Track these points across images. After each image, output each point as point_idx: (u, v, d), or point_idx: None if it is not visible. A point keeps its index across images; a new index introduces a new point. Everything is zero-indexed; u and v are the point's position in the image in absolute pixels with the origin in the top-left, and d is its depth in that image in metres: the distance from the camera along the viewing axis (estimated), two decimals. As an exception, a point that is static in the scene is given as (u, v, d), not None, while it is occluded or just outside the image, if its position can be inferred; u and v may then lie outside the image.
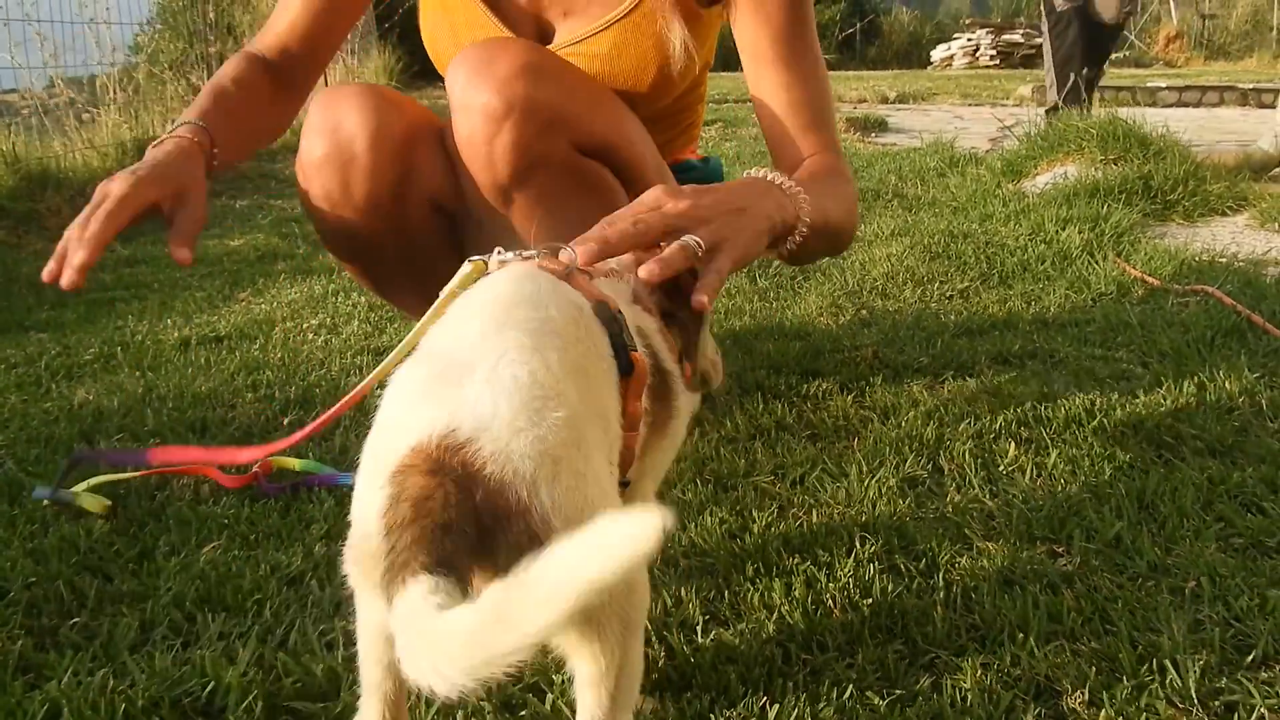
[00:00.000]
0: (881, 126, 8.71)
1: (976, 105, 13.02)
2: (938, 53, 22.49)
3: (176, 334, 2.90)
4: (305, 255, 4.07)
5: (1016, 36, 21.16)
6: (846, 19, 26.31)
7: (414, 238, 1.80)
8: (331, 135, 1.67)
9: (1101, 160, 4.36)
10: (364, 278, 1.99)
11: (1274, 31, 20.90)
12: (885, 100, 13.45)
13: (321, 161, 1.68)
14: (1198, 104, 13.49)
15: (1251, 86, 13.70)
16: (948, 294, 3.15)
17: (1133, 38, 22.56)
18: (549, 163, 1.57)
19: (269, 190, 5.91)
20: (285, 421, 2.16)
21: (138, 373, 2.54)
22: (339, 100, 1.69)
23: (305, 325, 2.96)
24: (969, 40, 21.73)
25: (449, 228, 1.86)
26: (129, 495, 1.79)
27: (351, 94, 1.69)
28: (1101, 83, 15.50)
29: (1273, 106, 13.64)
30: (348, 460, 1.93)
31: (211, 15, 7.57)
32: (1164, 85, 13.79)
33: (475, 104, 1.44)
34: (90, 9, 6.47)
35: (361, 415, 2.15)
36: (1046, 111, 6.19)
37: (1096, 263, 3.35)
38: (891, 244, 3.72)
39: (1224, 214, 4.05)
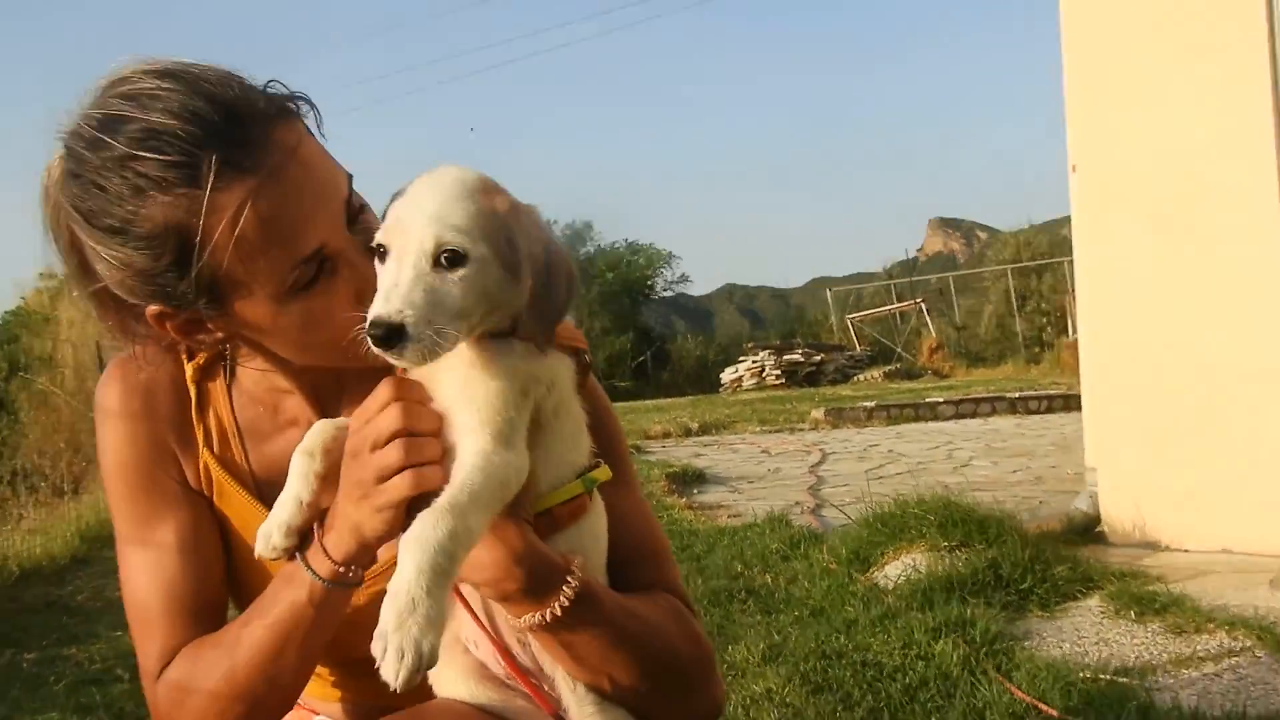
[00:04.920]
0: (700, 479, 8.81)
1: (776, 431, 13.59)
2: (727, 374, 23.73)
3: None
4: (110, 747, 3.54)
5: (797, 356, 22.64)
6: (637, 347, 27.74)
7: None
8: None
9: (946, 546, 4.41)
10: None
11: (1019, 337, 23.42)
12: (689, 432, 13.86)
13: None
14: (973, 414, 14.56)
15: (1018, 395, 14.97)
16: (844, 746, 2.98)
17: (900, 349, 24.58)
18: None
19: (60, 630, 5.22)
20: None
21: None
22: None
23: None
24: (754, 362, 23.09)
25: None
26: None
27: None
28: (885, 402, 16.50)
29: (1038, 412, 14.88)
30: None
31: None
32: (941, 400, 14.86)
33: None
34: None
35: None
36: None
37: (980, 684, 3.25)
38: (767, 673, 3.54)
39: (1075, 598, 4.11)
